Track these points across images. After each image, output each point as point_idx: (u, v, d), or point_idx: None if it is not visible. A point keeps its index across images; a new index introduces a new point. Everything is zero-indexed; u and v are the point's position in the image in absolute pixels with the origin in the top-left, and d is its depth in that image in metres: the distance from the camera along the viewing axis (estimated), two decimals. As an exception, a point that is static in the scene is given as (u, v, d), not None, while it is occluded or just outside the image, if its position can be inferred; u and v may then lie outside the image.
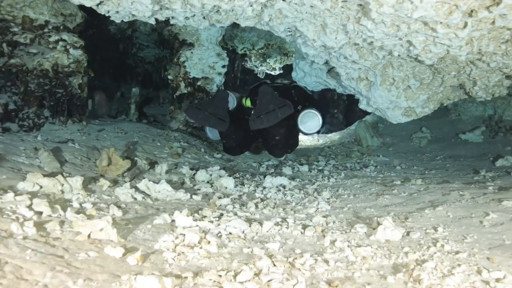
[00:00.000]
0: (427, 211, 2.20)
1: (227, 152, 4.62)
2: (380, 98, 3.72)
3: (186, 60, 4.67)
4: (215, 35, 4.67)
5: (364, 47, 3.26)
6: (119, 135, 4.39)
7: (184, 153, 4.34)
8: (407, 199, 2.60)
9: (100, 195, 2.44)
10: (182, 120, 4.83)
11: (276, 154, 4.70)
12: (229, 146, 4.50)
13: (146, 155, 3.93)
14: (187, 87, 4.77)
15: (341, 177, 3.68)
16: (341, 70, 3.77)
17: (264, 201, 2.72)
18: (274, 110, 3.82)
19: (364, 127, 5.45)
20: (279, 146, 4.54)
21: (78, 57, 3.95)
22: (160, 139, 4.58)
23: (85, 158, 3.49)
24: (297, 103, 5.28)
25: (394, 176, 3.64)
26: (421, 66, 3.43)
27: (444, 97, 3.70)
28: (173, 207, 2.45)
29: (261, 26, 3.57)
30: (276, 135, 4.36)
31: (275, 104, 3.84)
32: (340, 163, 4.64)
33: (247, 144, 4.64)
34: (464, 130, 5.50)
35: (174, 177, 3.40)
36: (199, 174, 3.37)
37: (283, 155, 4.75)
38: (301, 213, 2.36)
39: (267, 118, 3.82)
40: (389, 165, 4.46)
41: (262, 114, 3.84)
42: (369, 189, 3.02)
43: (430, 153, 4.97)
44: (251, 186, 3.21)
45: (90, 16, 5.94)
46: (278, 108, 3.83)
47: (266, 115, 3.84)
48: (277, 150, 4.62)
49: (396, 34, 2.69)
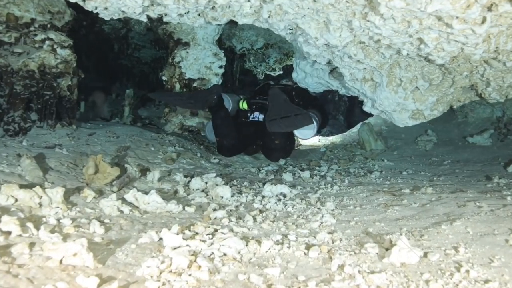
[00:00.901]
0: (444, 227, 1.97)
1: (220, 152, 4.54)
2: (386, 100, 3.50)
3: (181, 60, 4.44)
4: (212, 34, 4.44)
5: (370, 46, 3.05)
6: (111, 140, 4.16)
7: (179, 158, 4.12)
8: (419, 211, 2.38)
9: (83, 208, 2.22)
10: (178, 123, 4.60)
11: (273, 158, 4.67)
12: (223, 146, 4.45)
13: (139, 161, 3.70)
14: (183, 88, 4.54)
15: (345, 185, 3.45)
16: (344, 71, 3.55)
17: (263, 213, 2.50)
18: (290, 117, 3.80)
19: (368, 130, 5.23)
20: (277, 150, 4.55)
21: (66, 57, 3.73)
22: (154, 143, 4.36)
23: (72, 165, 3.27)
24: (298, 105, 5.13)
25: (402, 183, 3.42)
26: (430, 66, 3.22)
27: (454, 99, 3.49)
28: (163, 221, 2.23)
29: (259, 23, 3.36)
30: (277, 139, 4.38)
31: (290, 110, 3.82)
32: (343, 168, 4.42)
33: (242, 145, 4.59)
34: (471, 132, 5.29)
35: (167, 185, 3.18)
36: (193, 182, 3.14)
37: (279, 159, 4.72)
38: (304, 228, 2.13)
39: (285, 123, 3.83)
40: (395, 170, 4.24)
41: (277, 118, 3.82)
42: (377, 198, 2.80)
43: (437, 157, 4.75)
44: (249, 195, 2.99)
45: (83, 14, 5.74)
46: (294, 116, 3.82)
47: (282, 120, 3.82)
48: (275, 154, 4.62)
49: (407, 31, 2.47)
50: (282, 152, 4.67)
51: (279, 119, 3.81)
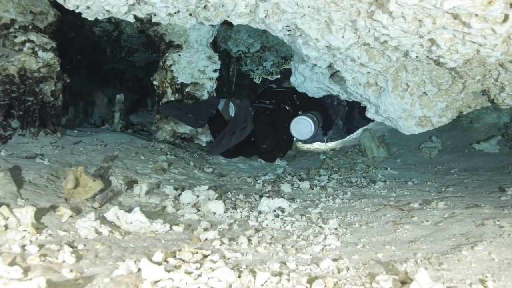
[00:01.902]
0: (465, 252, 1.73)
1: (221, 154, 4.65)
2: (392, 106, 3.26)
3: (173, 63, 4.19)
4: (206, 36, 4.20)
5: (375, 48, 2.81)
6: (98, 148, 3.92)
7: (171, 168, 3.87)
8: (433, 230, 2.13)
9: (55, 231, 1.97)
10: (169, 131, 4.35)
11: (266, 159, 4.79)
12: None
13: (126, 172, 3.46)
14: (175, 93, 4.29)
15: (348, 197, 3.21)
16: (346, 75, 3.31)
17: (259, 232, 2.26)
18: (235, 133, 3.98)
19: (370, 136, 4.99)
20: (268, 152, 4.72)
21: (48, 60, 3.48)
22: (144, 151, 4.11)
23: (53, 177, 3.02)
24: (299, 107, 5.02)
25: (409, 196, 3.18)
26: (440, 69, 2.98)
27: (464, 105, 3.25)
28: (146, 244, 1.98)
29: (255, 24, 3.12)
30: (263, 144, 4.57)
31: (241, 124, 3.98)
32: (344, 178, 4.18)
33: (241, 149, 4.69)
34: (477, 139, 5.06)
35: (155, 199, 2.93)
36: (184, 196, 2.90)
37: (274, 160, 4.82)
38: (305, 253, 1.89)
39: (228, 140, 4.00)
40: (399, 179, 4.01)
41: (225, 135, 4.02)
42: (384, 215, 2.55)
43: (443, 166, 4.51)
44: (244, 210, 2.74)
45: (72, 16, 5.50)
46: (239, 130, 3.98)
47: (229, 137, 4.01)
48: (267, 156, 4.78)
49: (418, 31, 2.24)
50: (275, 153, 4.80)
51: (227, 136, 3.99)
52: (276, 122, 4.84)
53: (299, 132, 4.55)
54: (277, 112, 4.87)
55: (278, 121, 4.86)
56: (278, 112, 4.88)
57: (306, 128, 4.48)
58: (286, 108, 4.89)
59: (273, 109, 4.85)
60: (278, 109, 4.86)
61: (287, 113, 4.91)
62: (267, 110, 4.87)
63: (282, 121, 4.83)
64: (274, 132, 4.73)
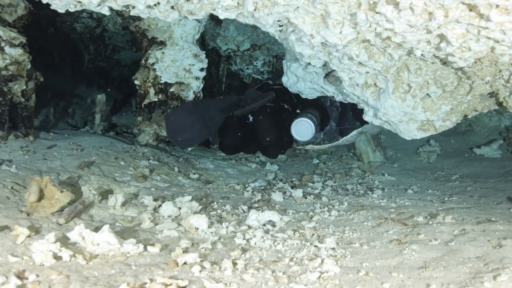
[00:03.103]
0: (488, 285, 1.47)
1: (222, 150, 4.86)
2: (392, 109, 3.00)
3: (156, 61, 3.88)
4: (192, 32, 3.91)
5: (375, 45, 2.55)
6: (74, 153, 3.61)
7: (153, 174, 3.58)
8: (444, 252, 1.87)
9: (5, 256, 1.67)
10: (152, 134, 4.05)
11: (269, 155, 4.85)
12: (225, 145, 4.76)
13: (103, 180, 3.16)
14: (158, 94, 3.99)
15: (345, 208, 2.95)
16: (343, 75, 3.05)
17: (246, 253, 1.98)
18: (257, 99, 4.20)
19: (365, 140, 4.74)
20: (271, 147, 4.77)
21: (17, 57, 3.18)
22: (125, 156, 3.81)
23: (18, 187, 2.73)
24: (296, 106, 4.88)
25: (411, 206, 2.92)
26: (444, 69, 2.73)
27: (470, 108, 3.01)
28: (113, 271, 1.69)
29: (244, 18, 2.84)
30: (267, 136, 4.57)
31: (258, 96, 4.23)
32: (339, 184, 3.92)
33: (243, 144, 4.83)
34: (478, 143, 4.83)
35: (132, 212, 2.64)
36: (164, 208, 2.61)
37: (276, 156, 4.88)
38: (299, 283, 1.61)
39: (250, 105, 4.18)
40: (398, 187, 3.76)
41: None
42: (386, 231, 2.29)
43: (442, 171, 4.28)
44: (230, 224, 2.46)
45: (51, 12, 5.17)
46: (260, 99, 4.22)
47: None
48: (270, 151, 4.82)
49: (426, 25, 1.98)
50: (278, 148, 4.86)
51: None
52: (277, 119, 4.80)
53: (300, 134, 4.54)
54: (278, 109, 4.84)
55: (280, 119, 4.82)
56: (279, 110, 4.85)
57: (307, 130, 4.48)
58: (285, 106, 4.87)
59: (274, 106, 4.80)
60: (279, 106, 4.84)
61: (286, 112, 4.88)
62: (268, 108, 4.80)
63: (283, 119, 4.81)
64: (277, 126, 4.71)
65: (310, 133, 4.56)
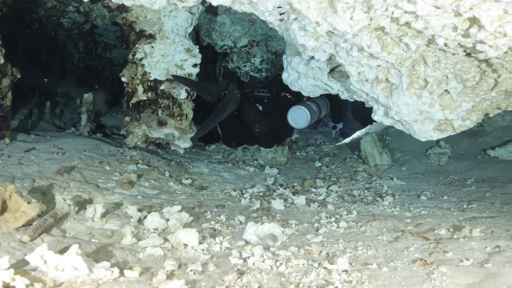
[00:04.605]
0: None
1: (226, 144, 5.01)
2: (406, 107, 2.68)
3: (145, 56, 3.55)
4: (184, 24, 3.58)
5: (390, 33, 2.23)
6: (54, 157, 3.29)
7: (141, 179, 3.26)
8: (481, 277, 1.56)
9: None
10: (141, 135, 3.71)
11: (262, 145, 4.91)
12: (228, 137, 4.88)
13: (84, 187, 2.84)
14: (147, 92, 3.65)
15: (354, 218, 2.63)
16: (351, 69, 2.73)
17: (243, 278, 1.66)
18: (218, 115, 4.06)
19: (371, 141, 4.42)
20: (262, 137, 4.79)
21: (-13, 51, 2.85)
22: (111, 160, 3.49)
23: (-16, 196, 2.39)
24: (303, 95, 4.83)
25: (428, 216, 2.61)
26: (465, 62, 2.42)
27: (493, 106, 2.69)
28: (78, 305, 1.37)
29: (240, 6, 2.53)
30: (255, 127, 4.60)
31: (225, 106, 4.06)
32: (345, 190, 3.61)
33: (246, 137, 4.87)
34: (491, 144, 4.53)
35: (113, 224, 2.32)
36: (149, 220, 2.29)
37: (271, 146, 4.92)
38: (309, 321, 1.29)
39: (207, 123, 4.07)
40: (409, 192, 3.45)
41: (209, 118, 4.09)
42: (406, 247, 1.97)
43: (455, 175, 3.97)
44: (225, 239, 2.14)
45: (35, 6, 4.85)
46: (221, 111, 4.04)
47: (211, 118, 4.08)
48: (261, 140, 4.89)
49: (457, 5, 1.67)
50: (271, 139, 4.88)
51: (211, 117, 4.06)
52: (273, 109, 4.80)
53: (295, 121, 4.56)
54: (275, 100, 4.84)
55: (275, 109, 4.80)
56: (276, 100, 4.84)
57: (302, 117, 4.50)
58: (288, 96, 4.82)
59: (271, 97, 4.84)
60: (277, 97, 4.84)
61: (287, 101, 4.83)
62: (264, 98, 4.86)
63: (280, 108, 4.76)
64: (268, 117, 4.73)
65: (306, 120, 4.56)
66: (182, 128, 3.81)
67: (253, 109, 4.63)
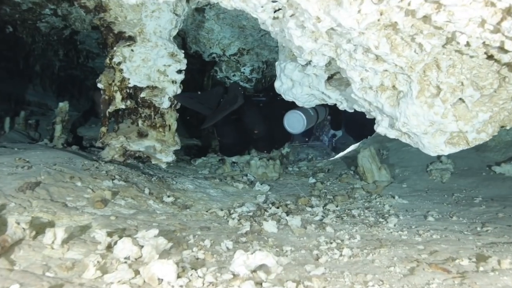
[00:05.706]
0: None
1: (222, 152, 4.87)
2: (415, 118, 2.39)
3: (123, 61, 3.20)
4: (168, 27, 3.26)
5: (401, 31, 1.94)
6: (18, 171, 2.91)
7: (116, 197, 2.90)
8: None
9: None
10: (119, 148, 3.35)
11: (260, 149, 4.93)
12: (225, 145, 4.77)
13: (48, 206, 2.47)
14: (125, 100, 3.29)
15: (357, 243, 2.30)
16: (353, 74, 2.43)
17: (229, 326, 1.31)
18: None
19: (369, 156, 4.12)
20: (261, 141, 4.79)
21: None
22: (83, 175, 3.12)
23: None
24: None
25: (442, 241, 2.29)
26: (483, 67, 2.15)
27: (511, 117, 2.42)
28: None
29: (229, 1, 2.23)
30: (254, 129, 4.55)
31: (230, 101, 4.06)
32: (343, 209, 3.29)
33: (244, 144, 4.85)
34: (495, 160, 4.27)
35: (75, 252, 1.95)
36: (120, 247, 1.93)
37: (270, 150, 4.93)
38: None
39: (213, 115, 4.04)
40: (413, 212, 3.14)
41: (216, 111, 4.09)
42: (426, 283, 1.64)
43: (460, 193, 3.67)
44: (208, 271, 1.79)
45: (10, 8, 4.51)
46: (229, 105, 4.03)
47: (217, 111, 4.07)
48: (259, 144, 4.89)
49: (493, -10, 1.37)
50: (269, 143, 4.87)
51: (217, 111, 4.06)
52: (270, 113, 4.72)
53: (291, 126, 4.49)
54: (271, 103, 4.77)
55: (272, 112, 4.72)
56: (272, 104, 4.75)
57: (298, 122, 4.42)
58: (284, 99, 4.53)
59: (266, 101, 4.82)
60: (272, 100, 4.76)
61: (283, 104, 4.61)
62: (260, 102, 4.84)
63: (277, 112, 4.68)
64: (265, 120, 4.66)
65: (302, 125, 4.47)
66: (164, 141, 3.46)
67: (252, 111, 4.55)
